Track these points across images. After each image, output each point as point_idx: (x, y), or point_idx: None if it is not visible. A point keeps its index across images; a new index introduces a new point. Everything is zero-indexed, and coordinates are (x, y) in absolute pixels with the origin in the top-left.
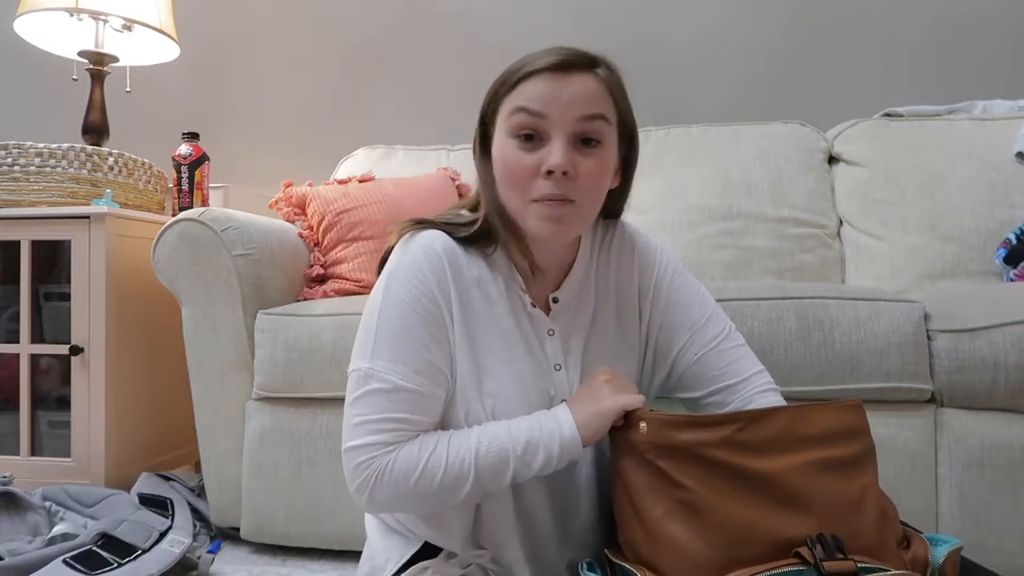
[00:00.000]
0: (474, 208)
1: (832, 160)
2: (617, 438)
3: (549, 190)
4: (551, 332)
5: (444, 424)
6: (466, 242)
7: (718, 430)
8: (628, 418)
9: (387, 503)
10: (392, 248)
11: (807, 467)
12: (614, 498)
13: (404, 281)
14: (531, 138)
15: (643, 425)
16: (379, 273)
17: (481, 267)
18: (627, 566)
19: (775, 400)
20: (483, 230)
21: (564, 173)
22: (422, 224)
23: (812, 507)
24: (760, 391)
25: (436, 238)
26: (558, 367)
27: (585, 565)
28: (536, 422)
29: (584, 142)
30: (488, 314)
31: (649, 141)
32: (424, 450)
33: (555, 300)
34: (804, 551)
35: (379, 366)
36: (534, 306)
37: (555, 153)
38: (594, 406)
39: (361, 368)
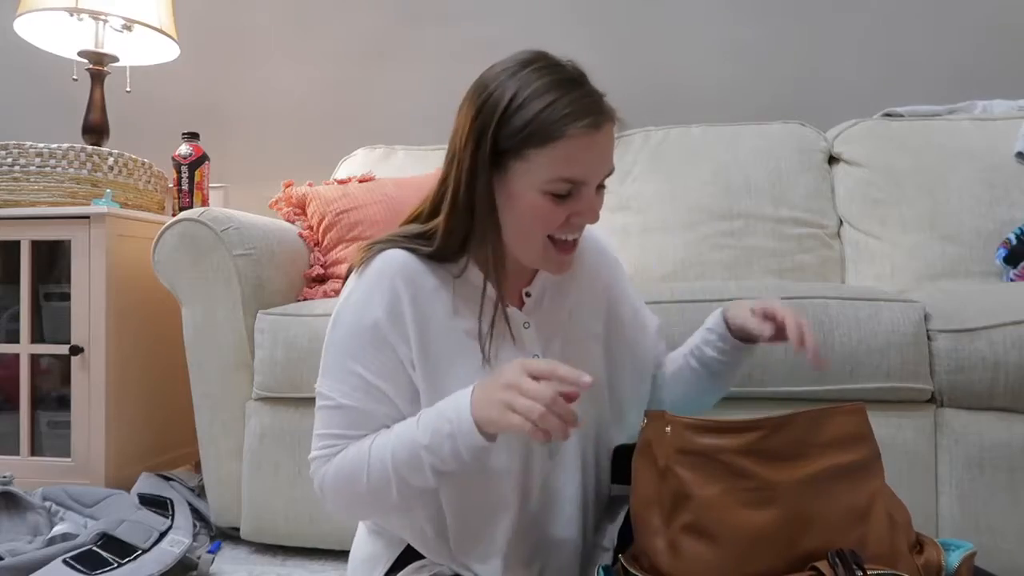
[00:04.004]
0: (432, 215)
1: (832, 160)
2: (640, 442)
3: (572, 235)
4: (527, 325)
5: None
6: (428, 256)
7: (741, 436)
8: (652, 421)
9: (343, 510)
10: (353, 269)
11: (821, 476)
12: (633, 505)
13: (353, 305)
14: (566, 195)
15: (668, 429)
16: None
17: (443, 278)
18: None
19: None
20: (448, 246)
21: None
22: (382, 244)
23: (825, 517)
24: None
25: (394, 259)
26: (536, 358)
27: (601, 570)
28: (439, 411)
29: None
30: (448, 325)
31: (649, 141)
32: (349, 456)
33: (527, 295)
34: (824, 566)
35: (324, 385)
36: (507, 306)
37: (588, 209)
38: (500, 414)
39: (317, 388)
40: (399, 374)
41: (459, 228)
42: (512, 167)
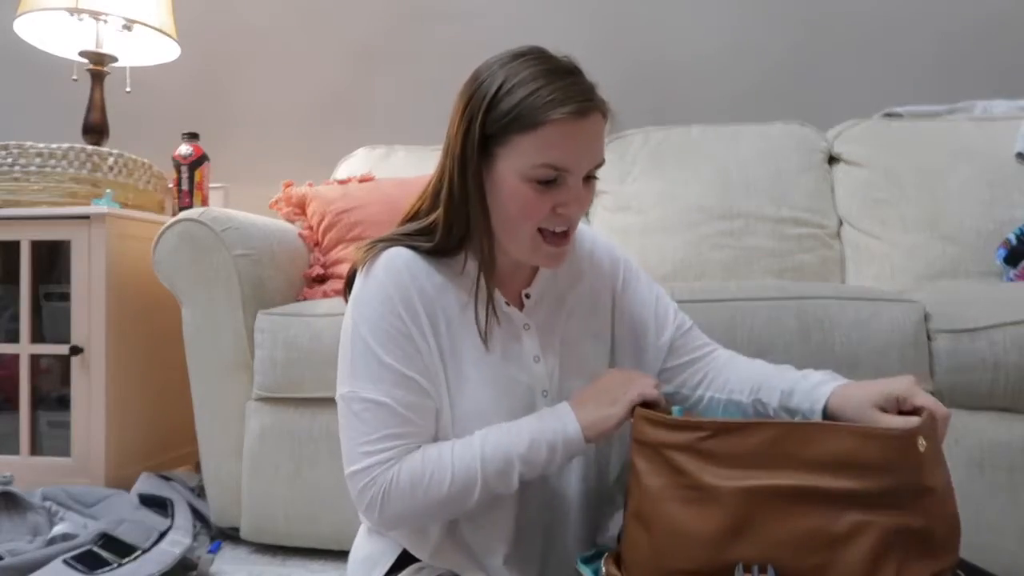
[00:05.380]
0: (430, 210)
1: (832, 160)
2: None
3: (560, 226)
4: (527, 326)
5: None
6: (430, 253)
7: (682, 434)
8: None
9: (398, 517)
10: (356, 269)
11: (774, 491)
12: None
13: (370, 303)
14: (549, 183)
15: (633, 420)
16: (346, 292)
17: (448, 275)
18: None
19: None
20: (449, 240)
21: None
22: (384, 242)
23: (769, 533)
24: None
25: (398, 255)
26: (536, 359)
27: (579, 560)
28: (538, 420)
29: (586, 177)
30: (459, 320)
31: (649, 141)
32: (428, 460)
33: (527, 296)
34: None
35: (359, 387)
36: (508, 304)
37: (575, 200)
38: (603, 409)
39: (343, 393)
40: (424, 366)
41: (457, 221)
42: (497, 153)
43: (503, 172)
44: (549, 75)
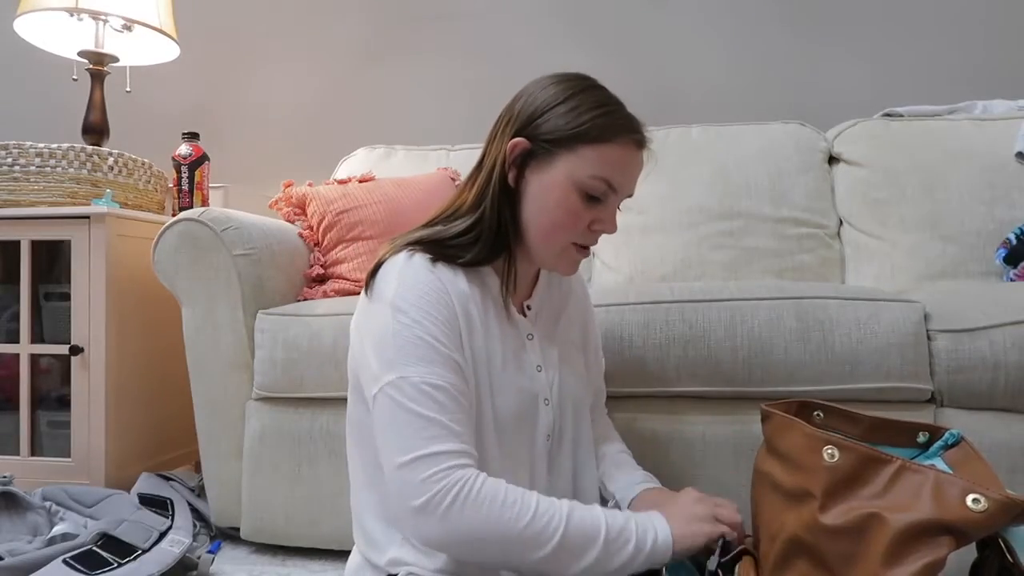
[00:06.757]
0: (469, 211)
1: (832, 160)
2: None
3: (591, 242)
4: (530, 336)
5: None
6: (461, 262)
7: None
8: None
9: (460, 530)
10: (380, 263)
11: (761, 475)
12: None
13: (414, 289)
14: (595, 199)
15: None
16: (368, 283)
17: (469, 281)
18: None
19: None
20: (484, 251)
21: None
22: (415, 245)
23: (759, 511)
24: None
25: (431, 260)
26: (539, 368)
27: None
28: (630, 516)
29: None
30: (482, 326)
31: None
32: (513, 490)
33: (528, 307)
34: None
35: (411, 372)
36: (519, 313)
37: (610, 219)
38: (694, 524)
39: (391, 380)
40: (463, 354)
41: (492, 223)
42: (560, 156)
43: (558, 176)
44: (615, 102)
